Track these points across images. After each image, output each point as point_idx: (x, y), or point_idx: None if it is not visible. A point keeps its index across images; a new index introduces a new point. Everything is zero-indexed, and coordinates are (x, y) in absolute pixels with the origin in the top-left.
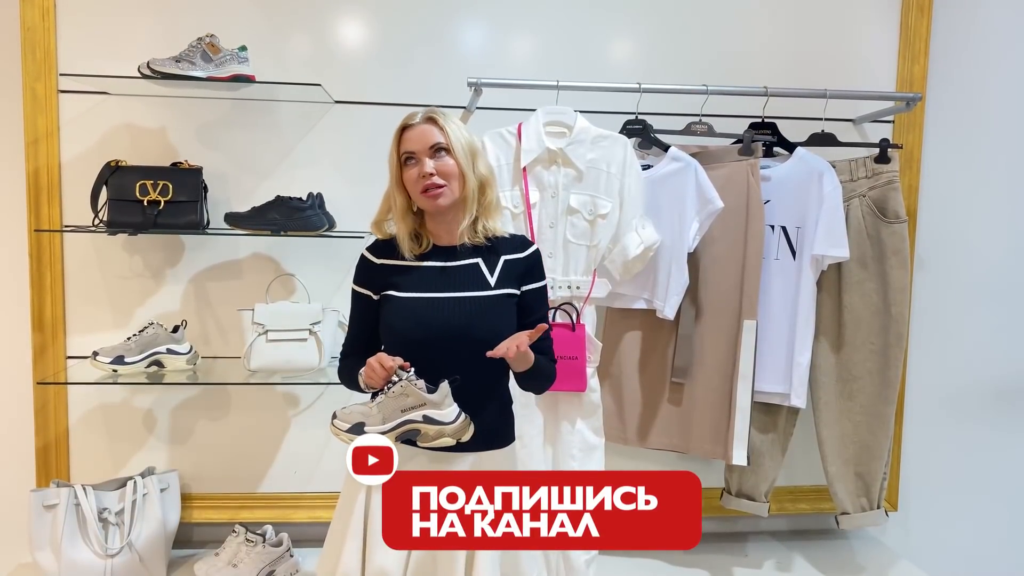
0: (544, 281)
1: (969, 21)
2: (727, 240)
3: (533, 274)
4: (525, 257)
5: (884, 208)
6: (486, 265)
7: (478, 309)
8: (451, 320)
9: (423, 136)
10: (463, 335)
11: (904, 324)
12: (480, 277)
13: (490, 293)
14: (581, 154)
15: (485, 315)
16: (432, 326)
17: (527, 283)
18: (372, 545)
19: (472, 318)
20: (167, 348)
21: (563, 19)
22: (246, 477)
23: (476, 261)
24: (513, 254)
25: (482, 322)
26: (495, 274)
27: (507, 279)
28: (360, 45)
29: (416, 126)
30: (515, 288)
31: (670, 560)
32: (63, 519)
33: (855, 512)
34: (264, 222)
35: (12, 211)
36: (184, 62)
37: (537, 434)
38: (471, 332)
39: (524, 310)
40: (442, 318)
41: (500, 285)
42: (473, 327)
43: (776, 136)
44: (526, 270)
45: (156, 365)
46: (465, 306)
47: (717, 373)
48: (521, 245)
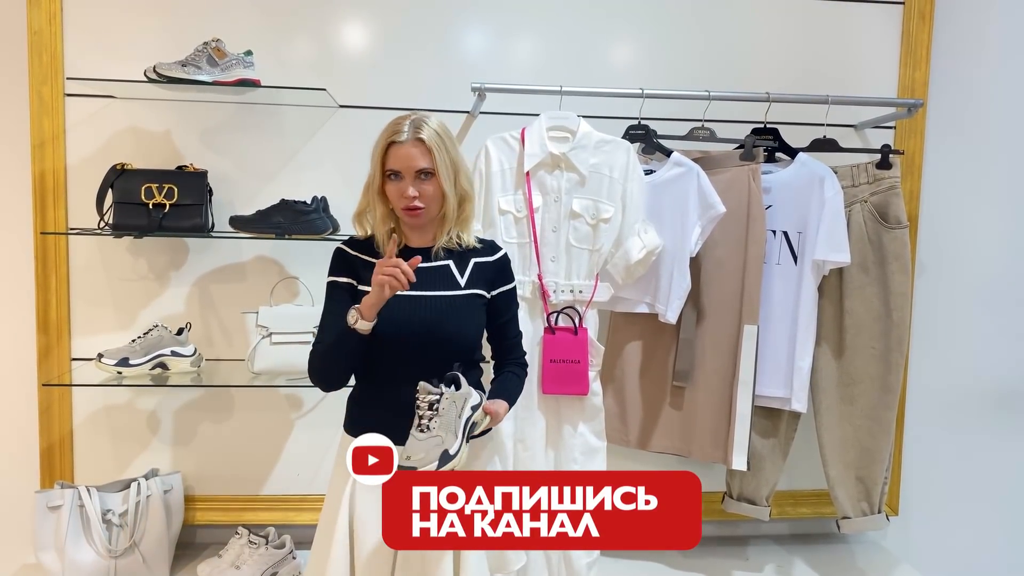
0: (512, 284)
1: (970, 28)
2: (729, 245)
3: (502, 278)
4: (494, 261)
5: (885, 213)
6: (456, 267)
7: (447, 307)
8: (421, 317)
9: (409, 159)
10: (431, 331)
11: (905, 329)
12: (450, 277)
13: (459, 293)
14: (584, 159)
15: (453, 313)
16: (402, 322)
17: (498, 286)
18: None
19: (441, 315)
20: (171, 350)
21: (566, 24)
22: (249, 479)
23: (447, 263)
24: (483, 257)
25: (451, 320)
26: (465, 275)
27: (477, 281)
28: (365, 50)
29: (403, 146)
30: (484, 290)
31: (671, 563)
32: (67, 520)
33: (856, 516)
34: (268, 225)
35: (18, 213)
36: (190, 66)
37: (539, 437)
38: (439, 329)
39: (494, 313)
40: (412, 315)
41: (470, 286)
42: (442, 324)
43: (778, 141)
44: (496, 274)
45: (161, 367)
46: (435, 304)
47: (718, 377)
48: (490, 249)
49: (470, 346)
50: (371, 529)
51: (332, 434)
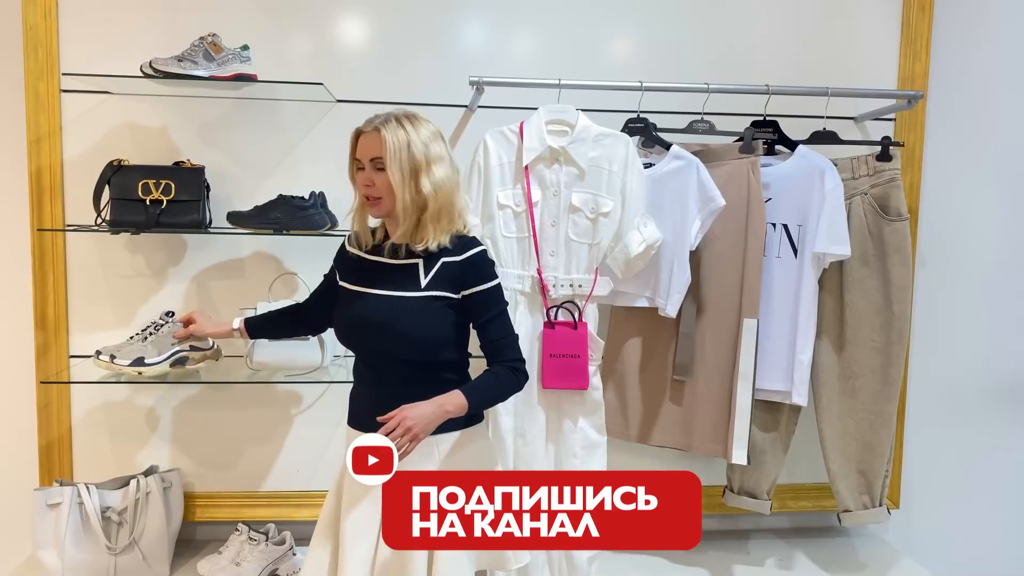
0: (491, 283)
1: (970, 18)
2: (728, 238)
3: (472, 277)
4: (461, 260)
5: (886, 206)
6: (424, 266)
7: (402, 308)
8: (374, 315)
9: (368, 147)
10: (381, 331)
11: (906, 321)
12: (413, 277)
13: (417, 294)
14: (583, 152)
15: (405, 314)
16: (357, 321)
17: (469, 287)
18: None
19: (392, 316)
20: (190, 345)
21: (565, 17)
22: (249, 475)
23: (416, 262)
24: (451, 257)
25: (402, 320)
26: (429, 276)
27: (440, 282)
28: (362, 44)
29: (365, 135)
30: (450, 291)
31: (673, 558)
32: (66, 518)
33: (857, 509)
34: (266, 221)
35: (15, 210)
36: (186, 61)
37: (539, 432)
38: (392, 329)
39: (471, 314)
40: (366, 313)
41: (431, 287)
42: (391, 324)
43: (777, 134)
44: (464, 273)
45: (179, 364)
46: (389, 303)
47: (718, 371)
48: (462, 248)
49: (432, 347)
50: (355, 512)
51: (331, 430)
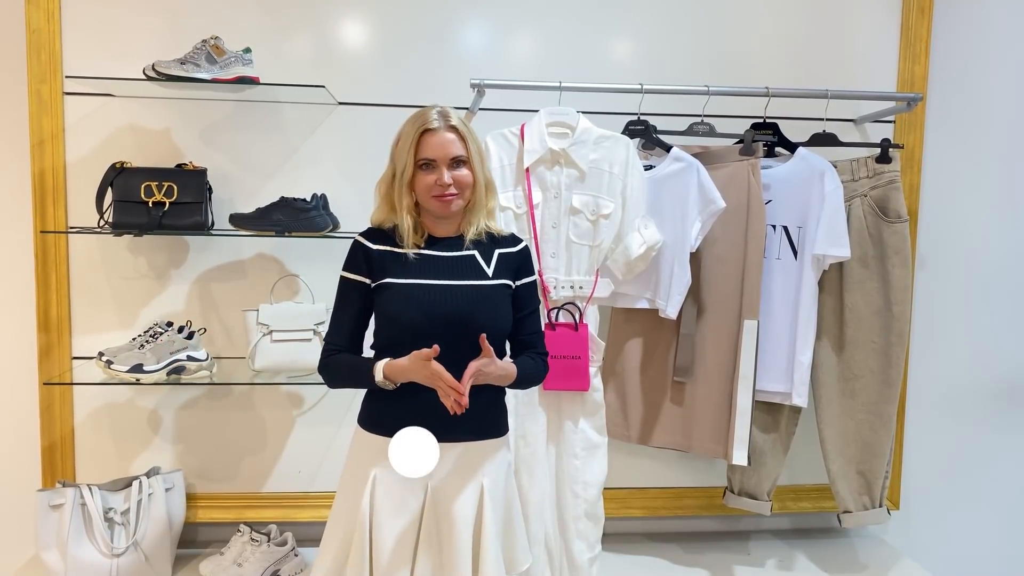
0: (534, 276)
1: (970, 21)
2: (728, 240)
3: (525, 269)
4: (518, 252)
5: (885, 208)
6: (482, 257)
7: (479, 296)
8: (454, 306)
9: (445, 146)
10: (464, 321)
11: (906, 323)
12: (477, 267)
13: (488, 282)
14: (584, 154)
15: (485, 303)
16: (434, 312)
17: (521, 277)
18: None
19: (473, 305)
20: (187, 355)
21: (565, 20)
22: (251, 477)
23: (473, 253)
24: (507, 248)
25: (483, 309)
26: (491, 265)
27: (503, 271)
28: (363, 46)
29: (437, 132)
30: (511, 280)
31: (673, 558)
32: (69, 519)
33: (857, 510)
34: (268, 223)
35: (18, 212)
36: (189, 64)
37: (540, 433)
38: (473, 319)
39: (517, 305)
40: (445, 304)
41: (497, 276)
42: (475, 314)
43: (777, 136)
44: (520, 264)
45: (175, 373)
46: (466, 293)
47: (718, 372)
48: (513, 241)
49: (501, 334)
50: (390, 525)
51: (333, 431)
